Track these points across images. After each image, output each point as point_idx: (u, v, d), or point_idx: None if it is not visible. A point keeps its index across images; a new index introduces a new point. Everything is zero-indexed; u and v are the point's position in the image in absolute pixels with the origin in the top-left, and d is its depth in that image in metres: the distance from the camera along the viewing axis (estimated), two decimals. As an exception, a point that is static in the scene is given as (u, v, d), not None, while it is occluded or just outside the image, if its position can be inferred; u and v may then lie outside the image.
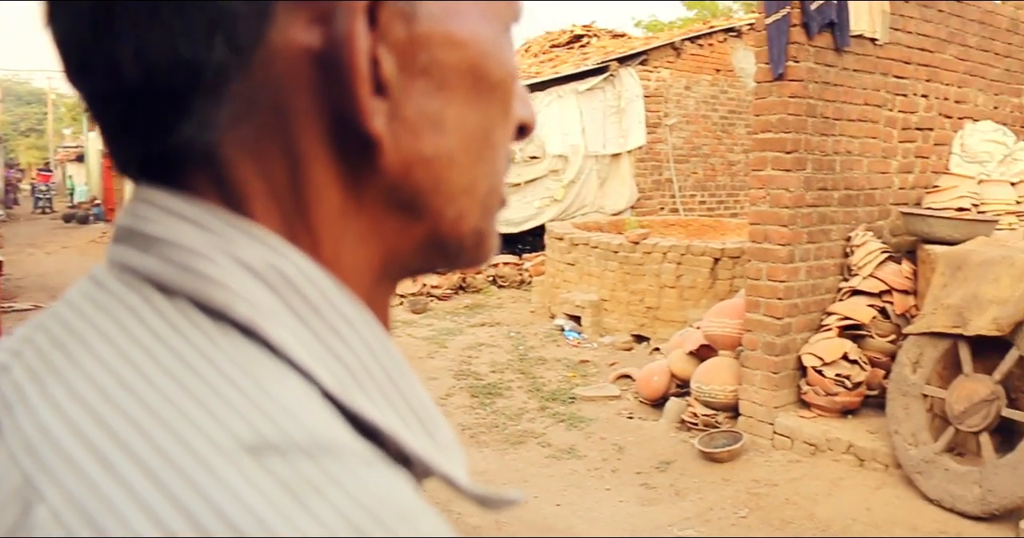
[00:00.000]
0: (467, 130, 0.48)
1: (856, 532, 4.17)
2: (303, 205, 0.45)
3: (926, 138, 6.16)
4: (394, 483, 0.38)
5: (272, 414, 0.37)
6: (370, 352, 0.44)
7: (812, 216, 5.46)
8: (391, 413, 0.43)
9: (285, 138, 0.44)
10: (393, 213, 0.47)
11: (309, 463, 0.36)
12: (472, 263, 0.52)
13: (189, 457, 0.35)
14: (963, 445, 4.79)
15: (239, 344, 0.40)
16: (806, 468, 4.98)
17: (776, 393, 5.44)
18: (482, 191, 0.50)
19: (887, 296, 5.51)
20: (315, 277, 0.44)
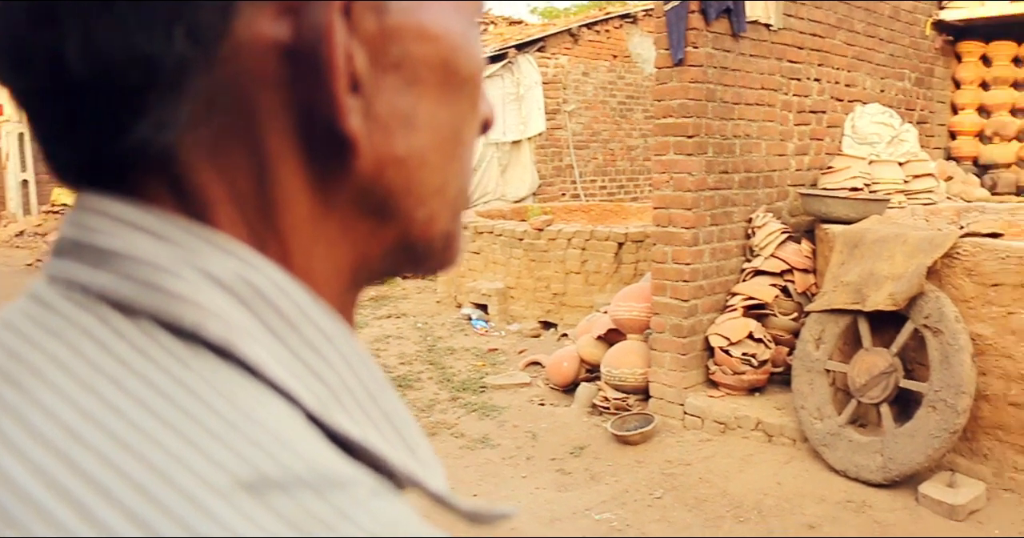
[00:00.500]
0: (439, 128, 0.45)
1: (768, 506, 4.27)
2: (271, 211, 0.41)
3: (820, 121, 6.34)
4: (404, 512, 0.36)
5: (266, 446, 0.34)
6: (349, 367, 0.41)
7: (714, 199, 5.56)
8: (372, 430, 0.40)
9: (250, 139, 0.40)
10: (363, 217, 0.44)
11: (316, 499, 0.33)
12: (439, 266, 0.50)
13: (180, 500, 0.32)
14: (865, 417, 4.95)
15: (215, 367, 0.36)
16: (717, 446, 5.08)
17: (685, 374, 5.54)
18: (452, 192, 0.48)
19: (788, 275, 5.66)
20: (289, 290, 0.40)
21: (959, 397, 4.21)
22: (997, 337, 4.39)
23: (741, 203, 5.77)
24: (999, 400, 4.41)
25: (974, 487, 4.25)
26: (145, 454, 0.33)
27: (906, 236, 4.71)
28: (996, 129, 7.99)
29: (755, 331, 5.47)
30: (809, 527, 4.06)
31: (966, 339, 4.29)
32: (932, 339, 4.39)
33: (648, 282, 5.87)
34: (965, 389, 4.21)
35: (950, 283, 4.52)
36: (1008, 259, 4.36)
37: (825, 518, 4.15)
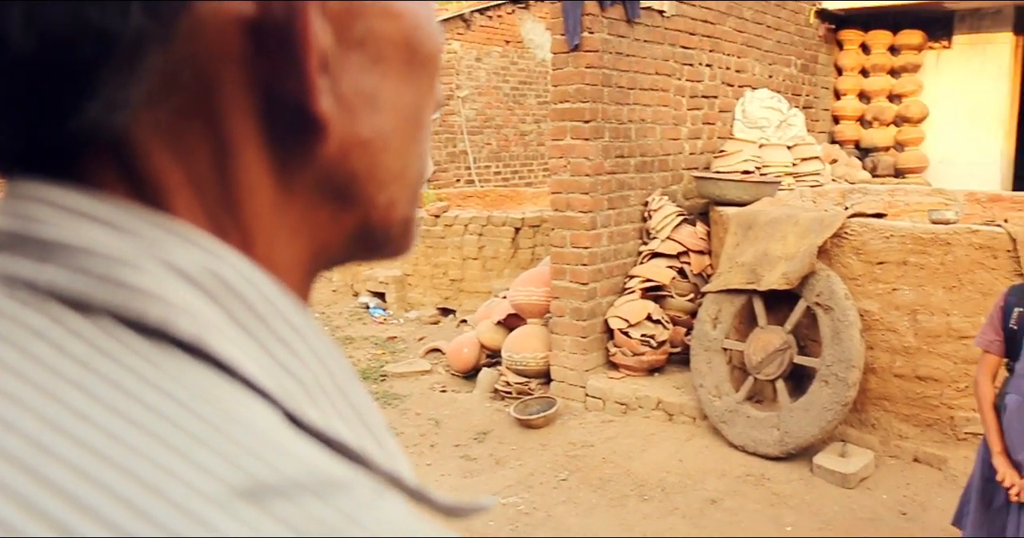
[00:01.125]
0: (401, 109, 0.44)
1: (671, 483, 4.36)
2: (232, 198, 0.39)
3: (712, 106, 6.47)
4: (407, 512, 0.34)
5: (257, 450, 0.32)
6: (319, 361, 0.39)
7: (611, 183, 5.62)
8: (344, 425, 0.38)
9: (210, 121, 0.37)
10: (324, 203, 0.42)
11: (320, 504, 0.31)
12: (396, 253, 0.48)
13: (174, 514, 0.29)
14: (761, 393, 5.10)
15: (187, 367, 0.34)
16: (619, 427, 5.16)
17: (586, 357, 5.60)
18: (412, 176, 0.46)
19: (684, 257, 5.77)
20: (257, 281, 0.38)
21: (849, 371, 4.37)
22: (883, 313, 4.58)
23: (637, 187, 5.85)
24: (885, 372, 4.60)
25: (864, 456, 4.43)
26: (126, 465, 0.30)
27: (797, 217, 4.85)
28: (875, 114, 8.31)
29: (653, 312, 5.57)
30: (711, 501, 4.16)
31: (855, 315, 4.46)
32: (824, 316, 4.54)
33: (547, 266, 5.91)
34: (855, 363, 4.38)
35: (839, 262, 4.68)
36: (892, 238, 4.54)
37: (726, 492, 4.26)
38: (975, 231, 4.38)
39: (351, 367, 0.41)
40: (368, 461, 0.37)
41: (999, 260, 4.30)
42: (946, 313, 4.41)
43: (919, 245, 4.45)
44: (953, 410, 4.44)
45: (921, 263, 4.45)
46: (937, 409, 4.48)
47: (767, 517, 4.00)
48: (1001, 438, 2.88)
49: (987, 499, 2.94)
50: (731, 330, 5.05)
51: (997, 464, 2.85)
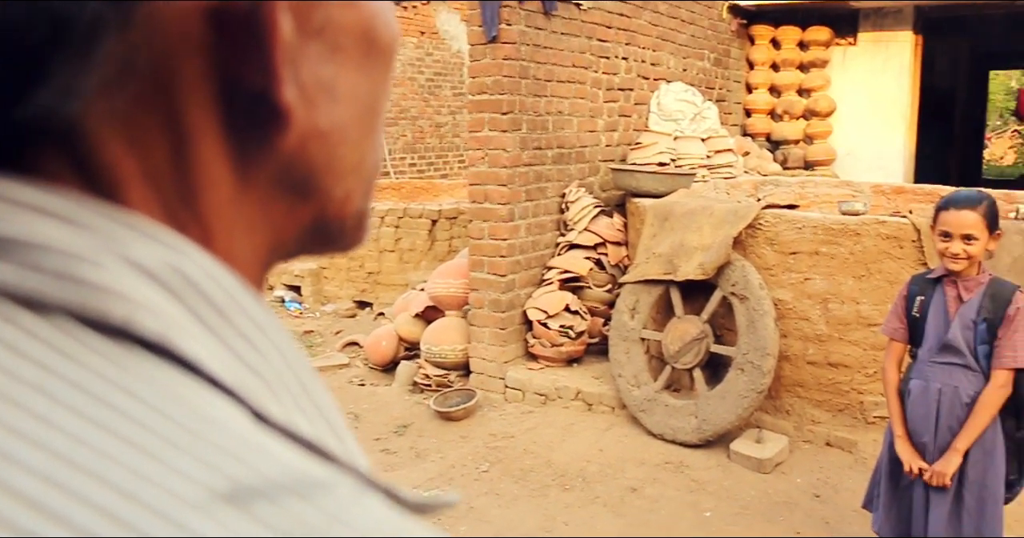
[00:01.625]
0: (358, 100, 0.43)
1: (592, 472, 4.40)
2: (189, 190, 0.37)
3: (627, 98, 6.53)
4: (389, 509, 0.33)
5: (234, 451, 0.30)
6: (283, 359, 0.37)
7: (529, 175, 5.63)
8: (303, 421, 0.37)
9: (168, 110, 0.36)
10: (280, 196, 0.41)
11: (303, 505, 0.30)
12: (349, 246, 0.47)
13: (154, 520, 0.27)
14: (679, 381, 5.17)
15: (152, 366, 0.32)
16: (539, 418, 5.18)
17: (505, 348, 5.60)
18: (368, 168, 0.45)
19: (601, 248, 5.82)
20: (220, 278, 0.36)
21: (765, 359, 4.47)
22: (796, 301, 4.69)
23: (555, 178, 5.88)
24: (799, 360, 4.71)
25: (779, 441, 4.54)
26: (97, 471, 0.28)
27: (712, 209, 4.93)
28: (786, 108, 8.51)
29: (571, 303, 5.60)
30: (631, 489, 4.21)
31: (769, 304, 4.55)
32: (739, 305, 4.63)
33: (465, 258, 5.89)
34: (770, 351, 4.47)
35: (754, 252, 4.78)
36: (804, 229, 4.65)
37: (646, 480, 4.31)
38: (883, 222, 4.51)
39: (311, 364, 0.40)
40: (332, 458, 0.36)
41: (905, 250, 4.44)
42: (856, 301, 4.54)
43: (830, 235, 4.57)
44: (863, 395, 4.58)
45: (832, 253, 4.57)
46: (848, 394, 4.61)
47: (686, 503, 4.06)
48: (904, 423, 2.98)
49: (895, 479, 3.05)
50: (649, 320, 5.11)
51: (899, 450, 2.95)
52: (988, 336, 2.82)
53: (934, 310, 2.92)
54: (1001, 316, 2.80)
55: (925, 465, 2.89)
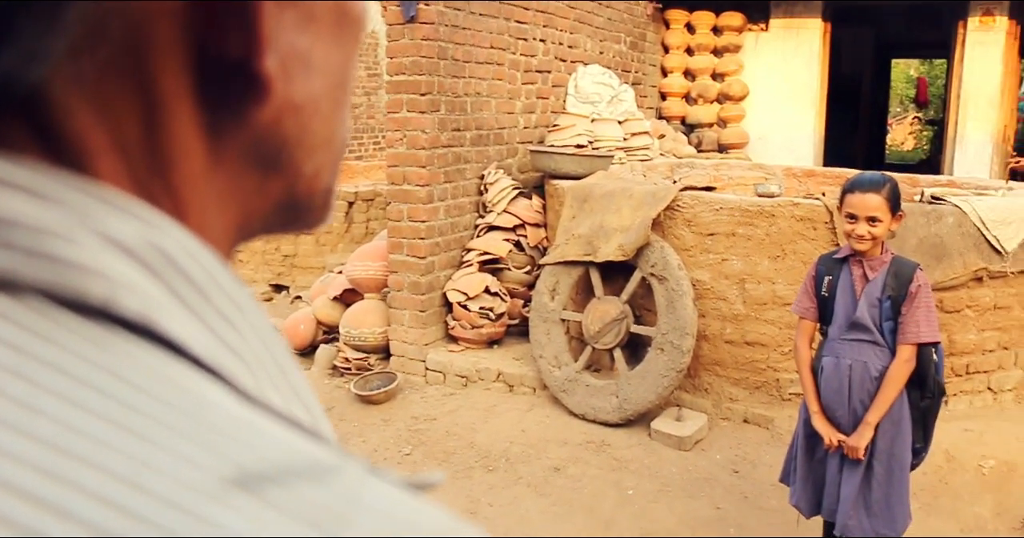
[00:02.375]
0: (331, 72, 0.41)
1: (515, 453, 4.41)
2: (161, 163, 0.35)
3: (545, 80, 6.53)
4: (399, 489, 0.32)
5: (236, 435, 0.29)
6: (261, 340, 0.36)
7: (448, 156, 5.59)
8: (281, 404, 0.36)
9: (140, 77, 0.33)
10: (251, 170, 0.39)
11: (316, 488, 0.28)
12: (315, 224, 0.46)
13: (164, 510, 0.26)
14: (600, 362, 5.22)
15: (135, 348, 0.30)
16: (461, 400, 5.16)
17: (425, 331, 5.57)
18: (337, 143, 0.44)
19: (520, 230, 5.82)
20: (199, 255, 0.34)
21: (684, 338, 4.53)
22: (714, 282, 4.76)
23: (473, 160, 5.85)
24: (717, 339, 4.79)
25: (698, 419, 4.62)
26: (96, 460, 0.26)
27: (631, 190, 4.97)
28: (700, 92, 8.62)
29: (491, 285, 5.60)
30: (554, 469, 4.23)
31: (688, 285, 4.61)
32: (658, 286, 4.68)
33: (383, 240, 5.83)
34: (689, 331, 4.54)
35: (672, 233, 4.83)
36: (721, 210, 4.72)
37: (569, 459, 4.34)
38: (797, 204, 4.61)
39: (287, 345, 0.38)
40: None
41: (818, 231, 4.55)
42: (771, 281, 4.63)
43: (746, 217, 4.65)
44: (779, 373, 4.68)
45: (748, 234, 4.65)
46: (764, 372, 4.72)
47: (609, 482, 4.10)
48: (818, 399, 3.06)
49: (810, 453, 3.13)
50: (569, 301, 5.13)
51: (816, 425, 3.03)
52: (892, 313, 2.91)
53: (842, 289, 3.00)
54: (904, 293, 2.90)
55: (843, 437, 2.97)
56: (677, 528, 3.71)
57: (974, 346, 4.67)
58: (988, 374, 4.78)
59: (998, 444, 4.30)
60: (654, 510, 3.86)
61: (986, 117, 8.23)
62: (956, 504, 3.94)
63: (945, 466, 4.11)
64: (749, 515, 3.82)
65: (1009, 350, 4.81)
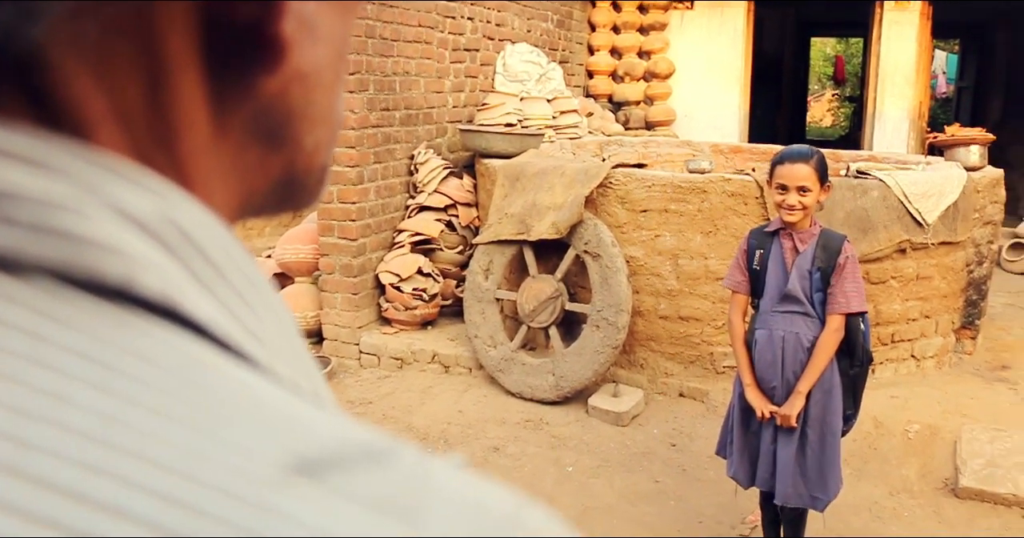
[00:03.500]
0: (334, 42, 0.38)
1: (453, 434, 4.39)
2: (166, 132, 0.32)
3: (473, 59, 6.49)
4: (457, 469, 0.30)
5: (282, 421, 0.27)
6: (277, 321, 0.34)
7: (377, 137, 5.52)
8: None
9: (145, 40, 0.30)
10: (253, 143, 0.37)
11: (382, 473, 0.27)
12: (308, 202, 0.43)
13: (225, 501, 0.24)
14: (535, 340, 5.22)
15: (163, 330, 0.28)
16: (396, 382, 5.13)
17: (358, 313, 5.51)
18: (336, 117, 0.41)
19: (452, 210, 5.79)
20: (215, 231, 0.32)
21: (619, 315, 4.56)
22: (647, 258, 4.80)
23: (403, 140, 5.79)
24: (651, 314, 4.84)
25: (634, 394, 4.66)
26: (144, 452, 0.24)
27: (564, 168, 4.97)
28: (627, 70, 8.65)
29: (424, 266, 5.56)
30: (494, 449, 4.23)
31: (622, 262, 4.64)
32: (592, 263, 4.69)
33: (313, 223, 5.74)
34: (623, 307, 4.57)
35: (605, 211, 4.85)
36: (653, 187, 4.75)
37: (507, 439, 4.34)
38: (728, 179, 4.66)
39: (298, 325, 0.36)
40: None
41: (749, 206, 4.61)
42: (704, 257, 4.69)
43: (679, 193, 4.68)
44: (712, 346, 4.75)
45: (680, 210, 4.69)
46: (698, 346, 4.77)
47: (548, 459, 4.12)
48: (752, 371, 3.10)
49: (745, 425, 3.17)
50: (503, 280, 5.12)
51: (750, 397, 3.07)
52: (822, 284, 2.97)
53: (773, 262, 3.04)
54: (833, 265, 2.95)
55: (775, 408, 3.02)
56: (617, 503, 3.75)
57: (898, 316, 4.80)
58: (912, 342, 4.91)
59: (922, 409, 4.43)
60: (594, 486, 3.88)
61: (903, 94, 8.43)
62: (884, 468, 4.05)
63: (873, 432, 4.22)
64: (688, 487, 3.88)
65: (931, 319, 4.95)
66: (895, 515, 3.72)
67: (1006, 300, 6.55)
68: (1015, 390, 4.74)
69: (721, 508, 3.68)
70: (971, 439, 4.08)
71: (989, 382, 4.86)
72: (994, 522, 3.66)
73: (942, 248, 4.85)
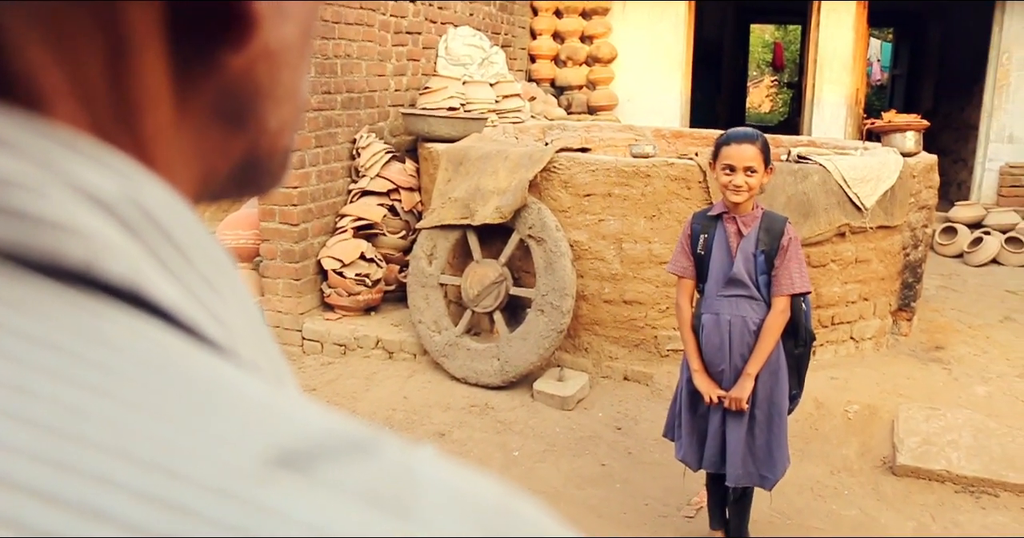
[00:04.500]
0: (301, 19, 0.37)
1: (398, 420, 4.37)
2: (127, 110, 0.30)
3: (416, 42, 6.42)
4: (439, 458, 0.28)
5: (260, 412, 0.26)
6: (242, 307, 0.33)
7: (318, 120, 5.44)
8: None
9: (104, 10, 0.29)
10: (216, 123, 0.35)
11: (367, 464, 0.25)
12: (269, 187, 0.42)
13: (206, 497, 0.22)
14: (480, 325, 5.21)
15: (128, 317, 0.26)
16: (340, 368, 5.08)
17: (300, 300, 5.44)
18: (301, 98, 0.40)
19: (395, 194, 5.74)
20: (179, 213, 0.31)
21: (563, 299, 4.56)
22: (591, 242, 4.80)
23: (345, 124, 5.72)
24: (595, 299, 4.85)
25: (579, 378, 4.68)
26: (115, 447, 0.22)
27: (507, 152, 4.95)
28: (569, 54, 8.65)
29: (367, 251, 5.51)
30: (439, 435, 4.21)
31: (566, 246, 4.64)
32: (537, 248, 4.69)
33: (254, 208, 5.65)
34: (568, 291, 4.57)
35: (549, 195, 4.84)
36: (597, 171, 4.75)
37: (453, 424, 4.33)
38: (671, 164, 4.68)
39: (262, 311, 0.33)
40: None
41: (692, 190, 4.64)
42: (648, 241, 4.71)
43: (622, 178, 4.69)
44: (656, 330, 4.77)
45: (624, 194, 4.70)
46: (642, 330, 4.80)
47: (494, 444, 4.11)
48: (700, 356, 3.12)
49: (693, 408, 3.19)
50: (447, 265, 5.09)
51: (698, 383, 3.08)
52: (767, 266, 3.00)
53: (717, 246, 3.06)
54: (776, 247, 2.98)
55: (723, 392, 3.04)
56: (564, 487, 3.76)
57: (838, 298, 4.88)
58: (851, 324, 5.00)
59: (861, 390, 4.52)
60: (540, 470, 3.89)
61: (840, 81, 8.56)
62: (825, 447, 4.12)
63: (815, 413, 4.29)
64: (634, 470, 3.90)
65: (869, 301, 5.04)
66: (836, 493, 3.79)
67: (939, 283, 6.71)
68: (948, 370, 4.85)
69: (667, 490, 3.72)
70: (907, 418, 4.17)
71: (924, 363, 4.97)
72: (929, 498, 3.74)
73: (880, 232, 4.93)
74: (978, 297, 6.41)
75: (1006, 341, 5.38)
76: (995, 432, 4.05)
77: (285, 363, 0.35)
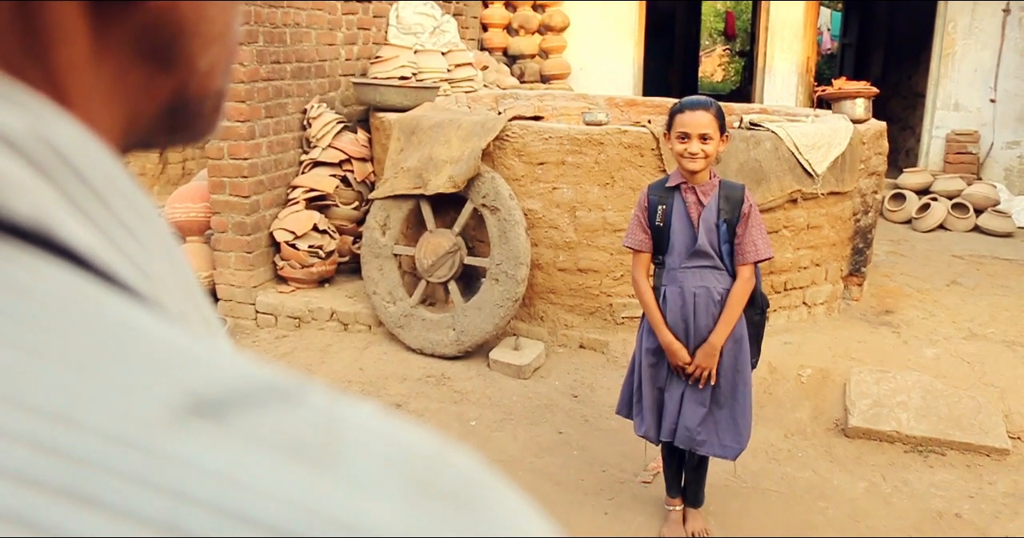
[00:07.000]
0: None
1: (355, 392, 4.34)
2: (37, 44, 0.29)
3: (366, 10, 6.33)
4: (376, 409, 0.27)
5: (174, 359, 0.24)
6: (166, 254, 0.32)
7: (268, 90, 5.35)
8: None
9: None
10: (140, 61, 0.33)
11: (288, 412, 0.23)
12: (203, 133, 0.40)
13: (108, 446, 0.20)
14: (435, 295, 5.19)
15: (37, 260, 0.25)
16: (295, 341, 5.04)
17: (253, 273, 5.38)
18: (232, 37, 0.38)
19: (347, 165, 5.68)
20: (94, 153, 0.29)
21: (518, 268, 4.55)
22: (545, 211, 4.79)
23: (295, 94, 5.63)
24: (550, 267, 4.85)
25: (535, 347, 4.68)
26: (14, 395, 0.21)
27: (460, 121, 4.91)
28: (521, 22, 8.58)
29: (319, 223, 5.45)
30: (396, 406, 4.20)
31: (520, 215, 4.62)
32: (490, 217, 4.66)
33: (204, 181, 5.56)
34: (522, 260, 4.56)
35: (502, 164, 4.81)
36: (551, 140, 4.73)
37: (410, 395, 4.31)
38: (624, 131, 4.67)
39: (190, 261, 0.32)
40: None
41: (645, 158, 4.64)
42: (602, 208, 4.70)
43: (576, 146, 4.68)
44: (611, 298, 4.79)
45: (578, 163, 4.69)
46: (597, 298, 4.81)
47: (451, 415, 4.11)
48: (667, 328, 3.05)
49: (653, 381, 3.15)
50: (400, 236, 5.06)
51: (674, 350, 2.97)
52: (729, 235, 2.97)
53: (677, 217, 3.00)
54: (738, 215, 2.96)
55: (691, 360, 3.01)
56: (522, 455, 3.77)
57: (791, 264, 4.92)
58: (803, 290, 5.05)
59: (813, 354, 4.58)
60: (498, 439, 3.89)
61: (791, 49, 8.60)
62: (779, 411, 4.18)
63: (769, 377, 4.34)
64: (591, 437, 3.92)
65: (820, 266, 5.09)
66: (790, 456, 3.84)
67: (888, 248, 6.80)
68: (897, 333, 4.93)
69: (624, 456, 3.74)
70: (859, 381, 4.24)
71: (875, 326, 5.04)
72: (880, 458, 3.81)
73: (831, 198, 4.97)
74: (926, 262, 6.51)
75: (953, 305, 5.47)
76: (943, 393, 4.13)
77: (216, 316, 0.34)
